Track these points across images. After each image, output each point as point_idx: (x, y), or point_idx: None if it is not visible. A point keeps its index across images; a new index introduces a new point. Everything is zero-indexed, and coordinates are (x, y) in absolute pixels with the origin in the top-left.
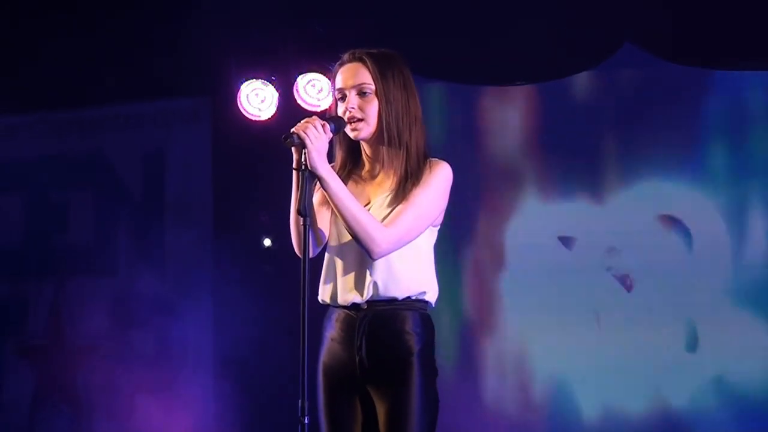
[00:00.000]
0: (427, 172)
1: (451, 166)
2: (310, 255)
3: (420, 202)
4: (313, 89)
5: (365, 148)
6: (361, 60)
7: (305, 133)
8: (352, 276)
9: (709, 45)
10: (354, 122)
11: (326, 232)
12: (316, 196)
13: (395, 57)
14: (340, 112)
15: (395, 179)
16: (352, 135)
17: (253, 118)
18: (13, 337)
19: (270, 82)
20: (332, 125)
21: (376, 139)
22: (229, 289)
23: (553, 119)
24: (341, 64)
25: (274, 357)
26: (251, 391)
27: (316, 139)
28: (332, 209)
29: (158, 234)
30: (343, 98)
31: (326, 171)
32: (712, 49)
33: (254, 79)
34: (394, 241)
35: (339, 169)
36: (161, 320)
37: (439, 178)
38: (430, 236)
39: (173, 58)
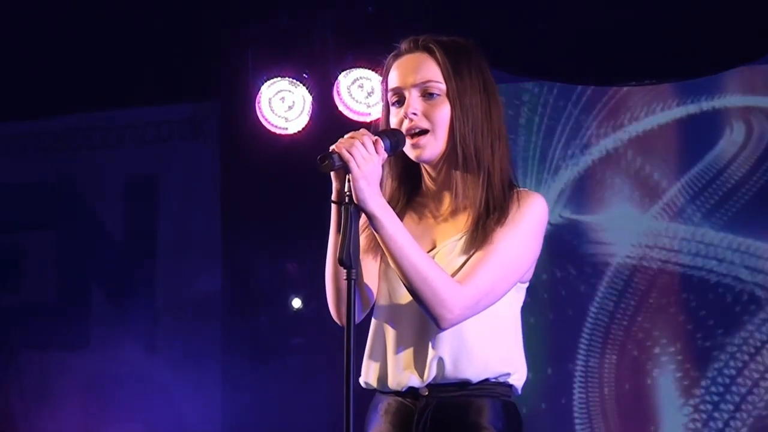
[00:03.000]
0: (514, 207)
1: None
2: (356, 320)
3: (506, 248)
4: (361, 91)
5: (429, 172)
6: (426, 50)
7: (350, 152)
8: (409, 350)
9: None
10: (416, 135)
11: (374, 290)
12: (361, 240)
13: (472, 48)
14: (394, 123)
15: (471, 216)
16: (412, 154)
17: (278, 131)
18: None
19: (301, 82)
20: (387, 142)
21: (446, 160)
22: (244, 366)
23: None
24: (397, 56)
25: None
26: None
27: (365, 161)
28: (383, 258)
29: (146, 290)
30: (400, 102)
31: (379, 206)
32: None
33: (279, 78)
34: (471, 304)
35: (390, 200)
36: (150, 407)
37: (531, 217)
38: (517, 296)
39: (167, 49)
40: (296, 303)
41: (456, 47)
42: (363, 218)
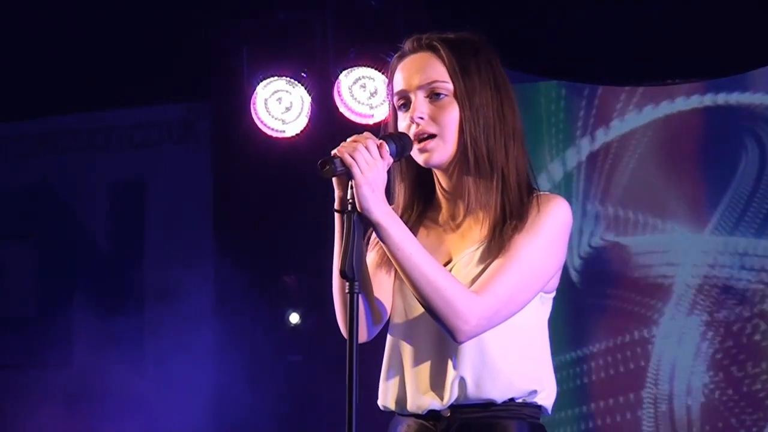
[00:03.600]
0: (533, 211)
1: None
2: (363, 338)
3: (525, 256)
4: (363, 91)
5: (440, 179)
6: (431, 48)
7: (352, 157)
8: (427, 370)
9: None
10: (423, 140)
11: (387, 306)
12: (372, 255)
13: (481, 42)
14: (402, 127)
15: (487, 223)
16: (420, 159)
17: (274, 135)
18: None
19: (299, 81)
20: (393, 146)
21: (457, 165)
22: (237, 385)
23: None
24: (401, 57)
25: None
26: None
27: (369, 166)
28: (397, 273)
29: (133, 304)
30: (406, 105)
31: (384, 214)
32: None
33: (276, 77)
34: (488, 315)
35: (403, 211)
36: (137, 428)
37: (553, 221)
38: (542, 307)
39: (155, 45)
40: (294, 318)
41: (462, 43)
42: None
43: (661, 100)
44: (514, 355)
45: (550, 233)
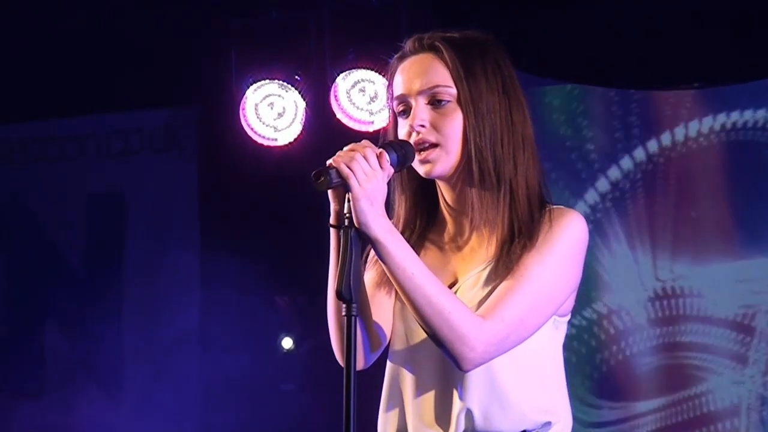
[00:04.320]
0: (545, 227)
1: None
2: (360, 365)
3: (536, 276)
4: (362, 96)
5: (444, 192)
6: (433, 49)
7: (350, 168)
8: (431, 401)
9: None
10: (424, 149)
11: (387, 330)
12: (370, 273)
13: (488, 42)
14: (402, 134)
15: (495, 241)
16: (421, 170)
17: (266, 143)
18: None
19: (292, 85)
20: (394, 155)
21: (462, 177)
22: (225, 416)
23: None
24: (402, 58)
25: None
26: None
27: (368, 178)
28: (397, 294)
29: (111, 327)
30: (407, 112)
31: (384, 230)
32: None
33: (267, 80)
34: (496, 341)
35: (404, 226)
36: None
37: (567, 238)
38: (556, 332)
39: (136, 46)
40: (287, 343)
41: (467, 43)
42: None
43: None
44: (525, 384)
45: (564, 251)
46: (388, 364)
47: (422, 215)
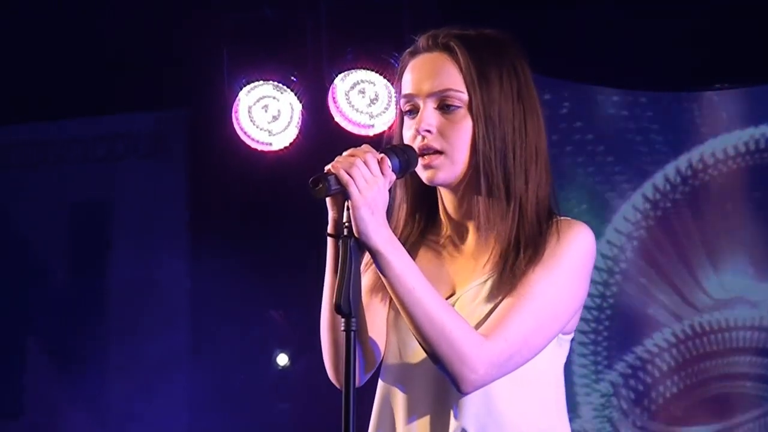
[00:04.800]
0: (552, 240)
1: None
2: (357, 382)
3: (542, 293)
4: (362, 98)
5: (445, 199)
6: (447, 48)
7: (349, 174)
8: (424, 421)
9: None
10: (428, 155)
11: (381, 344)
12: (364, 279)
13: (506, 43)
14: (407, 135)
15: (497, 252)
16: (424, 176)
17: (260, 148)
18: None
19: (288, 87)
20: (396, 161)
21: (467, 186)
22: None
23: None
24: (414, 54)
25: None
26: None
27: (368, 185)
28: (391, 304)
29: (95, 346)
30: (413, 112)
31: (384, 240)
32: None
33: (261, 82)
34: (499, 362)
35: (402, 229)
36: None
37: (574, 252)
38: (559, 350)
39: (122, 46)
40: (282, 359)
41: (483, 44)
42: (367, 254)
43: None
44: (524, 405)
45: (570, 265)
46: (380, 382)
47: (420, 219)
